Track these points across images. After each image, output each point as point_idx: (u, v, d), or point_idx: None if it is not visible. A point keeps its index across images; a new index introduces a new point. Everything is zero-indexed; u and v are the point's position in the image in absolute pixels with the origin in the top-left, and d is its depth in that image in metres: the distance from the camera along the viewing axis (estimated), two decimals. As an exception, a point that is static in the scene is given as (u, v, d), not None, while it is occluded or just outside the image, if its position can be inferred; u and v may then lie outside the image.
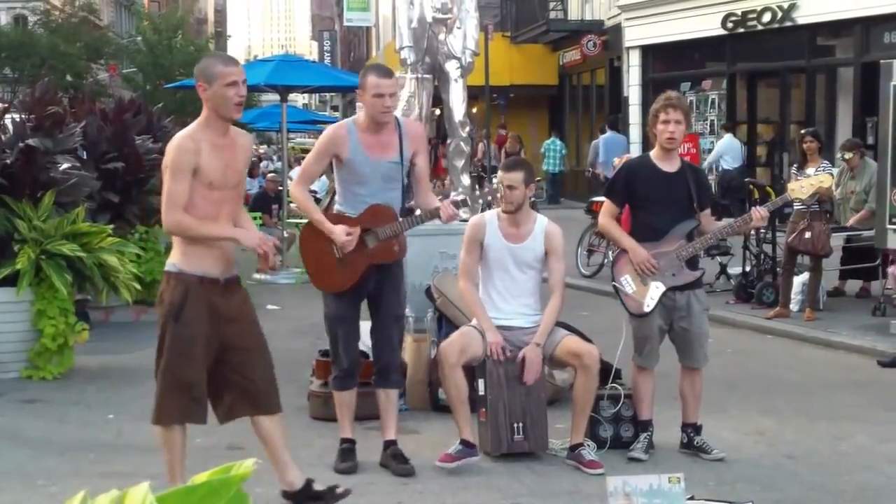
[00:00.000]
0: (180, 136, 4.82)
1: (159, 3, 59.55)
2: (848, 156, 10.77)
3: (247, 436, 6.49)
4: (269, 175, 18.25)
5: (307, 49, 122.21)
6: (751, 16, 19.97)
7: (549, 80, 30.19)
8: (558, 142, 26.20)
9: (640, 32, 23.17)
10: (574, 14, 28.42)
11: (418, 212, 5.81)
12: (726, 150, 18.00)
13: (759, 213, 6.00)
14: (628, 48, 23.93)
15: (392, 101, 5.64)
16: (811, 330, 9.82)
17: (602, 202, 6.46)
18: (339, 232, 5.58)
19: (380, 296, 5.82)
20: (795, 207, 9.93)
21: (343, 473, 5.76)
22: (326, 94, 49.80)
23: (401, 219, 5.71)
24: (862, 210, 10.98)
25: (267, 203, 15.52)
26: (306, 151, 49.56)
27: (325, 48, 62.77)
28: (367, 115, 5.67)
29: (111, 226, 9.12)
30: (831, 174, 10.16)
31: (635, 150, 20.35)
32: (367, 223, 5.66)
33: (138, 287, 8.44)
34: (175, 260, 4.83)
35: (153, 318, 10.49)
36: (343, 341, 5.83)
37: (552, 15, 28.33)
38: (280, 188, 15.27)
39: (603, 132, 21.85)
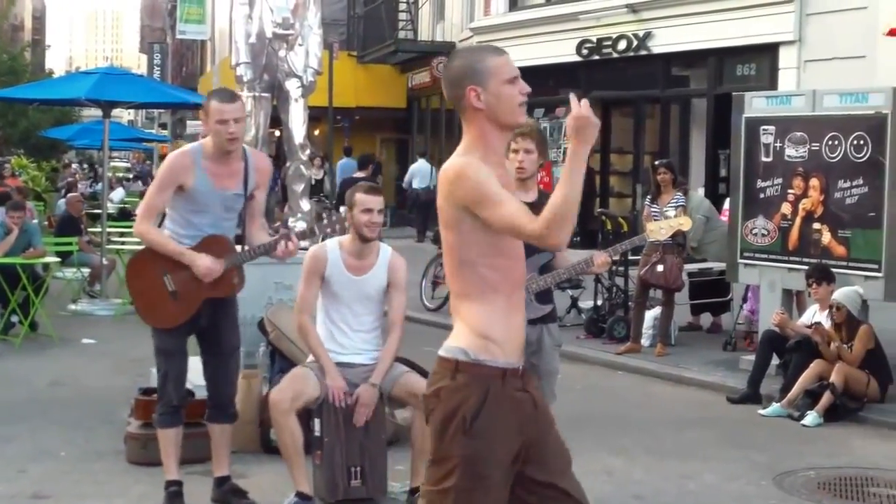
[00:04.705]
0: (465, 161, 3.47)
1: (-31, 6, 57.59)
2: None
3: (54, 483, 6.32)
4: (70, 195, 17.80)
5: (135, 62, 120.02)
6: (606, 43, 20.55)
7: (397, 102, 30.38)
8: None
9: (493, 56, 23.52)
10: (424, 35, 28.72)
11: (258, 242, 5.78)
12: (416, 173, 24.83)
13: (600, 260, 6.13)
14: (480, 72, 24.27)
15: (237, 127, 5.55)
16: (662, 366, 10.13)
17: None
18: (204, 261, 5.51)
19: (216, 329, 5.78)
20: (648, 240, 10.22)
21: None
22: (154, 110, 48.83)
23: (239, 250, 5.68)
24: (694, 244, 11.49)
25: (75, 227, 15.16)
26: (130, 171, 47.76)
27: (155, 62, 61.74)
28: (215, 143, 5.62)
29: None
30: (684, 207, 10.55)
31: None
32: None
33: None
34: (466, 343, 3.41)
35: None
36: (173, 376, 5.76)
37: (401, 35, 28.57)
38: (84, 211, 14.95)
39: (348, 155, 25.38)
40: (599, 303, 11.78)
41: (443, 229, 3.48)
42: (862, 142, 8.93)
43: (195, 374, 6.11)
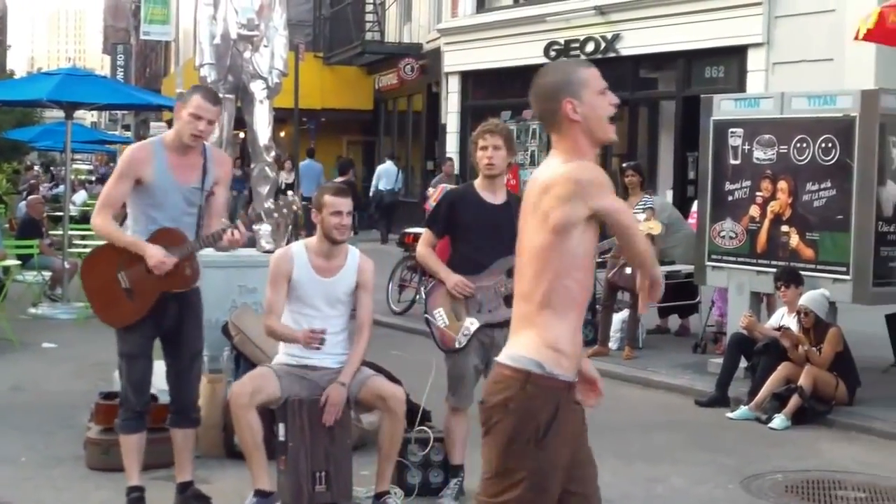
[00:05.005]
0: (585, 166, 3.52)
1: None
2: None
3: (14, 489, 6.26)
4: (31, 197, 17.71)
5: (98, 63, 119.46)
6: (574, 45, 20.61)
7: (364, 104, 30.35)
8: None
9: (460, 58, 23.59)
10: (391, 36, 28.70)
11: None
12: (383, 175, 25.08)
13: None
14: (447, 74, 24.32)
15: (207, 129, 5.67)
16: (630, 369, 10.15)
17: (416, 234, 6.49)
18: (155, 252, 5.48)
19: (180, 330, 5.76)
20: (616, 243, 10.25)
21: None
22: (118, 112, 48.62)
23: (190, 240, 5.65)
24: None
25: (36, 229, 15.06)
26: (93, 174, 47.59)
27: (119, 62, 61.46)
28: (177, 133, 5.66)
29: None
30: (653, 210, 10.60)
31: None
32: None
33: None
34: (539, 355, 3.43)
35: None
36: (137, 381, 5.73)
37: (368, 36, 28.54)
38: (45, 213, 14.84)
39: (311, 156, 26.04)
40: (567, 306, 11.78)
41: (539, 233, 3.45)
42: (830, 144, 8.99)
43: (158, 378, 6.07)
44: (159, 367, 5.95)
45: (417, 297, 12.67)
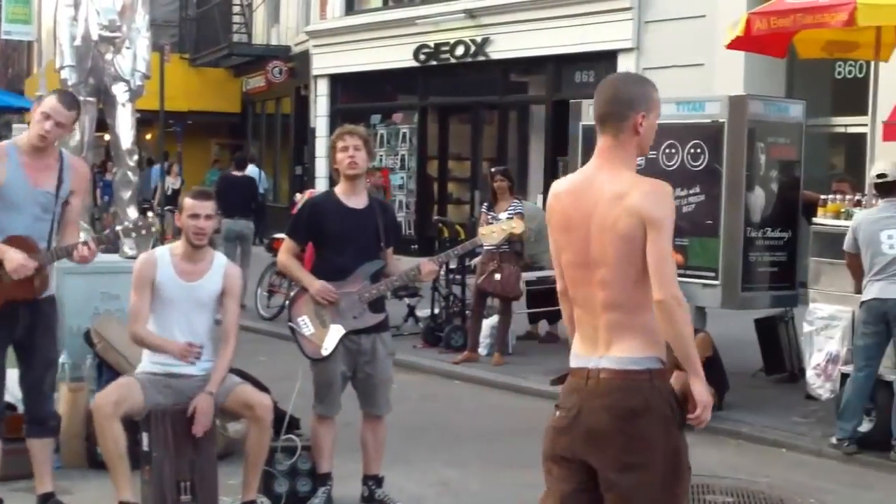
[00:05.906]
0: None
1: None
2: None
3: None
4: None
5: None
6: (444, 48, 20.69)
7: (231, 107, 30.05)
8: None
9: (329, 61, 23.49)
10: (259, 38, 28.46)
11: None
12: None
13: (427, 268, 6.21)
14: (316, 77, 24.20)
15: (54, 130, 5.58)
16: (500, 375, 10.23)
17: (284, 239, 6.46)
18: (13, 256, 5.37)
19: (31, 339, 5.66)
20: (485, 248, 10.32)
21: None
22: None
23: (42, 250, 5.54)
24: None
25: None
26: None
27: (-21, 63, 59.62)
28: (31, 135, 5.61)
29: None
30: (521, 214, 10.70)
31: (321, 186, 20.64)
32: None
33: None
34: (654, 351, 3.76)
35: None
36: None
37: (235, 38, 28.23)
38: None
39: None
40: (437, 311, 11.84)
41: (629, 241, 3.61)
42: (699, 150, 9.15)
43: (15, 386, 5.93)
44: (15, 376, 5.82)
45: (286, 302, 12.55)
